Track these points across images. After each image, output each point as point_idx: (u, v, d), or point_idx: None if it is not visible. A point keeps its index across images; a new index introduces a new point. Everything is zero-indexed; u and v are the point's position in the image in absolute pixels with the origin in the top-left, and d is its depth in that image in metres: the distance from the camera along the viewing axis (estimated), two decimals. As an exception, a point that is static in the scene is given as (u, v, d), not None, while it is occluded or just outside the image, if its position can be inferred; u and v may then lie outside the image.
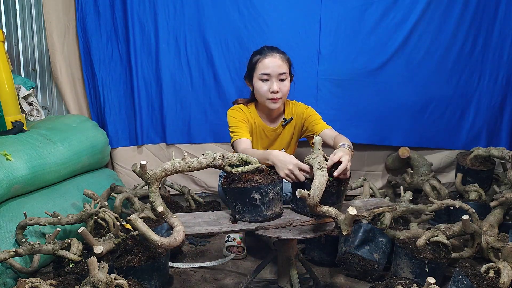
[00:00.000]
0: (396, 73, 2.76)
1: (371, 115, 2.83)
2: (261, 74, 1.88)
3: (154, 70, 2.79)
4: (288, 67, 1.93)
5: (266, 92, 1.88)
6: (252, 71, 1.94)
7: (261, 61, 1.88)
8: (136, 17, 2.69)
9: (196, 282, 1.80)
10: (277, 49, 1.93)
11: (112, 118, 2.83)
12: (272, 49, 1.92)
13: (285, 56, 1.94)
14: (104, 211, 1.90)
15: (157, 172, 1.28)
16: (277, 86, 1.86)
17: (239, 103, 2.05)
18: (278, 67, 1.86)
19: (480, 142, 2.84)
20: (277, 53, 1.90)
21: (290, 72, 1.95)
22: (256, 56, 1.92)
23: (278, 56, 1.89)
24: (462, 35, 2.71)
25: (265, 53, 1.90)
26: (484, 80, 2.79)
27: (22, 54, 2.93)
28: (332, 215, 1.28)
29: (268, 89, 1.87)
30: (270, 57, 1.88)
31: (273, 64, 1.86)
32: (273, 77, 1.87)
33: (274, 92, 1.86)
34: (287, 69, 1.91)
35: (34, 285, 1.34)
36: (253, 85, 1.94)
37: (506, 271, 1.37)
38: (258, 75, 1.89)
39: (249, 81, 1.99)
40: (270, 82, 1.87)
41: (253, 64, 1.92)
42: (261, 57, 1.89)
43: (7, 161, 1.83)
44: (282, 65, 1.88)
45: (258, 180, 1.33)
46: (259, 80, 1.89)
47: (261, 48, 1.95)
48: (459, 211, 2.19)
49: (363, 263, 1.75)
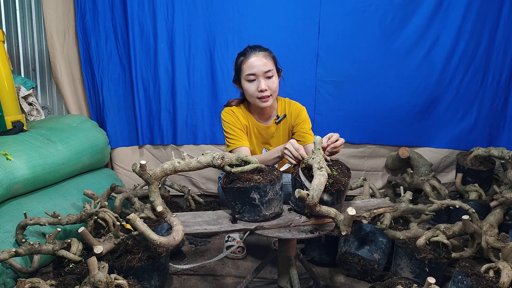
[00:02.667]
0: (396, 74, 2.76)
1: (371, 116, 2.83)
2: (247, 75, 1.87)
3: (152, 70, 2.79)
4: (274, 64, 1.91)
5: (254, 91, 1.87)
6: (238, 73, 1.93)
7: (245, 62, 1.88)
8: (136, 17, 2.70)
9: (196, 282, 1.80)
10: (259, 47, 1.91)
11: (111, 118, 2.84)
12: (254, 48, 1.91)
13: (269, 53, 1.92)
14: (104, 211, 1.90)
15: (157, 172, 1.28)
16: (264, 84, 1.85)
17: (231, 105, 2.04)
18: (263, 65, 1.85)
19: (483, 143, 2.82)
20: (260, 51, 1.89)
21: (277, 68, 1.94)
22: (240, 58, 1.92)
23: (261, 54, 1.87)
24: (465, 34, 2.69)
25: (248, 54, 1.88)
26: (487, 80, 2.77)
27: (22, 54, 2.93)
28: (332, 215, 1.28)
29: (256, 88, 1.87)
30: (253, 57, 1.87)
31: (258, 63, 1.85)
32: (260, 76, 1.86)
33: (262, 90, 1.85)
34: (273, 65, 1.90)
35: (34, 285, 1.34)
36: (242, 87, 1.94)
37: (506, 271, 1.37)
38: (245, 76, 1.89)
39: (238, 83, 1.98)
40: (257, 82, 1.86)
41: (238, 66, 1.92)
42: (245, 58, 1.89)
43: (7, 161, 1.83)
44: (266, 63, 1.86)
45: (257, 180, 1.33)
46: (246, 81, 1.89)
47: (244, 49, 1.94)
48: (459, 211, 2.19)
49: (363, 263, 1.75)
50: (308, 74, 2.78)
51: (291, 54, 2.73)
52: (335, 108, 2.81)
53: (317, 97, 2.81)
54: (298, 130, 1.99)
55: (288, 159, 1.56)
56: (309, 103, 2.75)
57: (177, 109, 2.83)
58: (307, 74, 2.78)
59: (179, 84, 2.80)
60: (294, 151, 1.53)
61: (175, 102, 2.82)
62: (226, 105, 2.07)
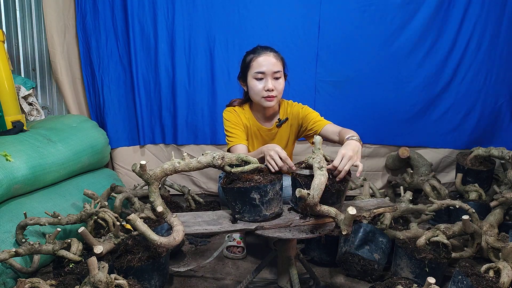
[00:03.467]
0: (396, 73, 2.76)
1: (371, 116, 2.83)
2: (255, 72, 1.87)
3: (153, 70, 2.79)
4: (282, 66, 1.92)
5: (261, 90, 1.87)
6: (246, 70, 1.92)
7: (255, 60, 1.87)
8: (136, 17, 2.70)
9: (196, 282, 1.80)
10: (271, 48, 1.92)
11: (112, 118, 2.84)
12: (266, 48, 1.91)
13: (279, 55, 1.92)
14: (104, 211, 1.90)
15: (157, 172, 1.28)
16: (272, 84, 1.85)
17: (233, 105, 2.03)
18: (272, 65, 1.85)
19: (485, 142, 2.80)
20: (271, 51, 1.89)
21: (284, 72, 1.94)
22: (250, 55, 1.91)
23: (272, 55, 1.88)
24: (467, 33, 2.68)
25: (259, 52, 1.88)
26: (491, 79, 2.74)
27: (22, 54, 2.93)
28: (332, 215, 1.28)
29: (263, 87, 1.86)
30: (264, 56, 1.87)
31: (268, 62, 1.85)
32: (268, 75, 1.86)
33: (269, 90, 1.85)
34: (281, 68, 1.90)
35: (34, 285, 1.34)
36: (248, 85, 1.93)
37: (506, 271, 1.37)
38: (253, 74, 1.88)
39: (243, 81, 1.97)
40: (265, 81, 1.86)
41: (247, 63, 1.91)
42: (255, 55, 1.88)
43: (7, 161, 1.83)
44: (276, 63, 1.87)
45: (257, 180, 1.33)
46: (254, 79, 1.88)
47: (254, 48, 1.94)
48: (459, 211, 2.19)
49: (363, 263, 1.75)
50: (308, 74, 2.78)
51: (291, 54, 2.73)
52: (334, 108, 2.80)
53: (317, 97, 2.81)
54: (307, 124, 1.96)
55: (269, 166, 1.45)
56: (309, 103, 2.72)
57: (177, 109, 2.83)
58: (307, 74, 2.78)
59: (180, 84, 2.80)
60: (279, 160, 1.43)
61: (175, 102, 2.82)
62: (228, 105, 2.06)
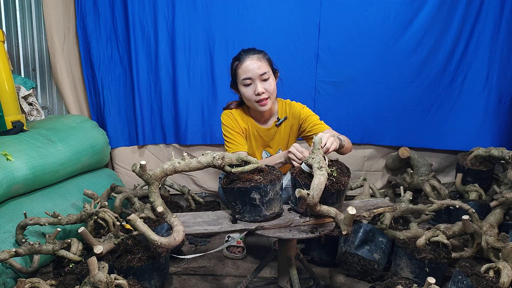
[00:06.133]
0: (396, 74, 2.76)
1: (371, 116, 2.83)
2: (243, 79, 1.85)
3: (153, 70, 2.79)
4: (269, 65, 1.89)
5: (252, 95, 1.85)
6: (235, 78, 1.92)
7: (240, 67, 1.86)
8: (137, 18, 2.70)
9: (196, 282, 1.80)
10: (253, 50, 1.89)
11: (112, 118, 2.84)
12: (248, 51, 1.89)
13: (264, 55, 1.89)
14: (104, 211, 1.90)
15: (157, 172, 1.28)
16: (261, 87, 1.83)
17: (230, 108, 2.02)
18: (258, 68, 1.83)
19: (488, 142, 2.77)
20: (253, 54, 1.87)
21: (273, 69, 1.92)
22: (235, 63, 1.90)
23: (256, 57, 1.85)
24: (467, 32, 2.66)
25: (243, 58, 1.87)
26: (493, 78, 2.71)
27: (22, 54, 2.93)
28: (332, 214, 1.28)
29: (253, 92, 1.85)
30: (248, 60, 1.84)
31: (252, 67, 1.83)
32: (256, 79, 1.84)
33: (259, 93, 1.83)
34: (268, 67, 1.87)
35: (34, 285, 1.34)
36: (239, 92, 1.92)
37: (506, 271, 1.37)
38: (241, 81, 1.87)
39: (235, 88, 1.96)
40: (254, 85, 1.85)
41: (234, 71, 1.91)
42: (240, 62, 1.87)
43: (7, 161, 1.83)
44: (261, 65, 1.84)
45: (257, 180, 1.33)
46: (243, 86, 1.87)
47: (238, 53, 1.92)
48: (459, 211, 2.19)
49: (363, 263, 1.75)
50: (308, 74, 2.78)
51: (291, 54, 2.73)
52: (335, 108, 2.80)
53: (317, 97, 2.81)
54: (307, 126, 1.96)
55: (294, 163, 1.54)
56: (309, 103, 2.75)
57: (178, 109, 2.83)
58: (307, 74, 2.77)
59: (180, 84, 2.79)
60: (299, 153, 1.52)
61: (175, 102, 2.82)
62: (225, 108, 2.05)
